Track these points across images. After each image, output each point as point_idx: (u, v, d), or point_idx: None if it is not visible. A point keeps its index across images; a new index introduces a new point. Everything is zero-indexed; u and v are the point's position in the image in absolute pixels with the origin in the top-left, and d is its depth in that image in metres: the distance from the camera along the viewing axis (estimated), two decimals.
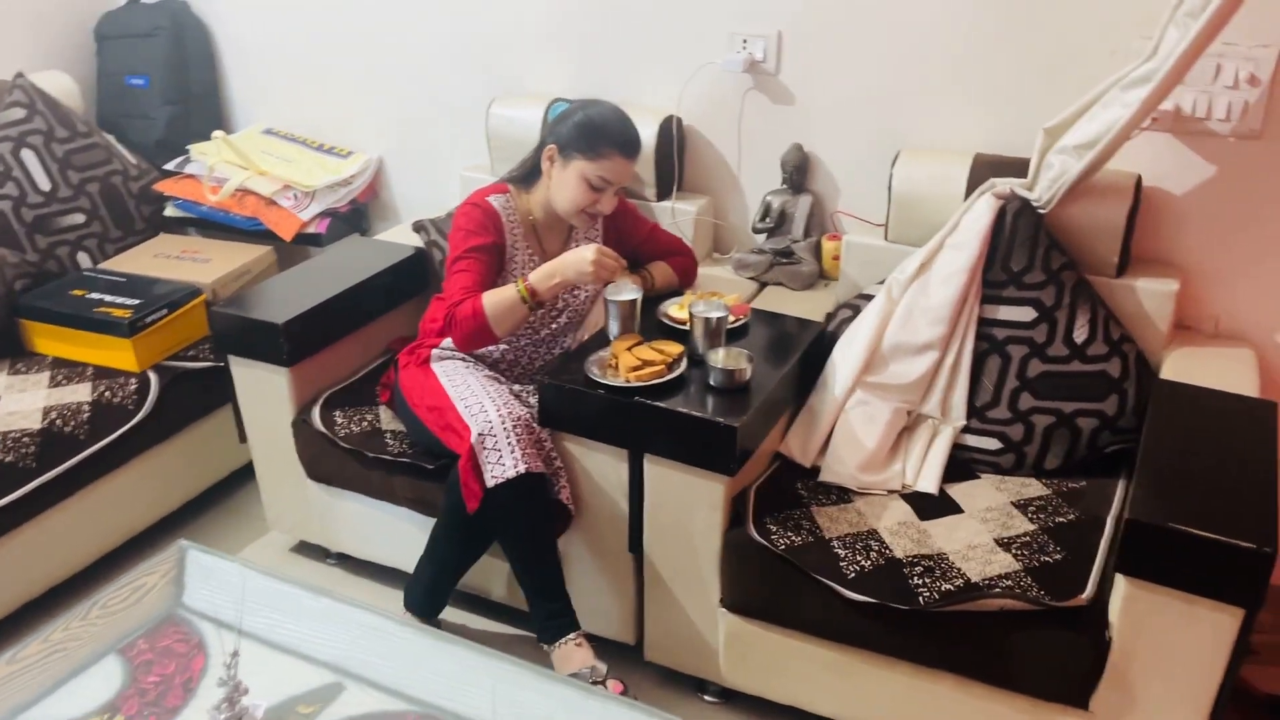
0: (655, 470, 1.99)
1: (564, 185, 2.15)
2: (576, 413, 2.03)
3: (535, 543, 2.03)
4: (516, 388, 2.24)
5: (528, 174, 2.25)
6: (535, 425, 2.03)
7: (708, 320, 2.05)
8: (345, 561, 2.58)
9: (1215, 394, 1.95)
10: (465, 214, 2.17)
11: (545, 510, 2.03)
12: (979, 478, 2.13)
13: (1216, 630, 1.63)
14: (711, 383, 1.99)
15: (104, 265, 2.81)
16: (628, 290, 2.14)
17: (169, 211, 3.01)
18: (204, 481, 2.72)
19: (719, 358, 2.01)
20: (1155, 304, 2.13)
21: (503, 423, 1.97)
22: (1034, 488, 2.07)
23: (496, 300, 2.06)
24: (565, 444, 2.07)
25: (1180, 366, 2.09)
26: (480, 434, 1.96)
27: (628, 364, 2.00)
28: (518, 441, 1.96)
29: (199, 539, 2.63)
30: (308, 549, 2.64)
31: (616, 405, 1.96)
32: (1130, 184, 2.10)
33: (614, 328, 2.14)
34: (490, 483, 1.95)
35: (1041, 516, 1.97)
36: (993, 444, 2.13)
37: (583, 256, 2.04)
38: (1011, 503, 2.02)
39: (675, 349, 2.06)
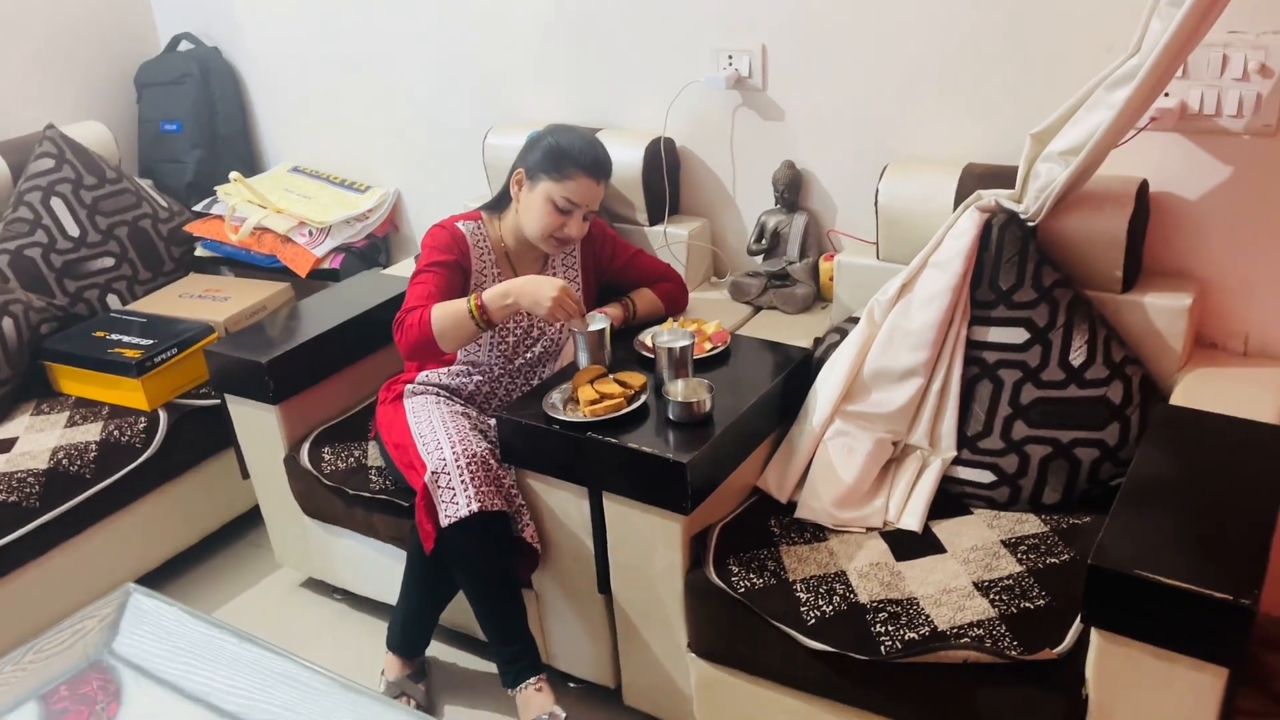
0: (614, 508, 1.91)
1: (531, 209, 2.10)
2: (534, 448, 1.96)
3: (492, 584, 1.98)
4: (491, 421, 2.19)
5: (498, 201, 2.22)
6: (494, 462, 1.98)
7: (671, 350, 1.97)
8: (350, 597, 2.58)
9: (1224, 420, 1.75)
10: (431, 235, 2.16)
11: (503, 550, 1.97)
12: (971, 513, 1.97)
13: (1198, 692, 1.44)
14: (670, 416, 1.90)
15: (132, 306, 2.90)
16: (596, 320, 2.07)
17: (198, 251, 3.09)
18: (220, 516, 2.76)
19: (678, 389, 1.92)
20: (1167, 321, 1.93)
21: (456, 460, 1.92)
22: (1030, 524, 1.90)
23: (445, 312, 2.00)
24: (528, 480, 2.01)
25: (1194, 390, 1.89)
26: (434, 472, 1.92)
27: (586, 398, 1.93)
28: (471, 479, 1.91)
29: (215, 574, 2.73)
30: (317, 585, 2.65)
31: (571, 441, 1.89)
32: (1132, 190, 1.92)
33: (582, 359, 2.08)
34: (444, 522, 1.91)
35: (1032, 557, 1.80)
36: (986, 476, 1.97)
37: (543, 289, 1.97)
38: (1001, 541, 1.86)
39: (638, 381, 1.98)
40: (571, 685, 2.22)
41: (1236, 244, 1.97)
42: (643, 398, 1.95)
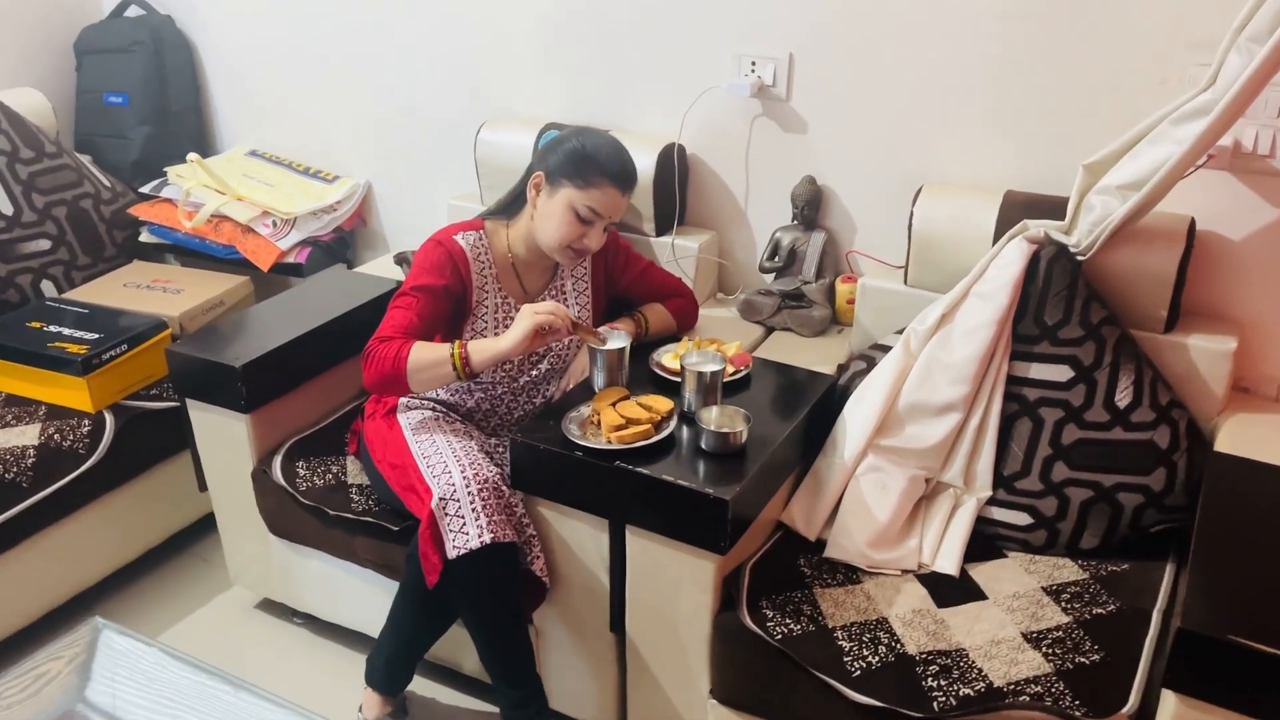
0: (638, 543, 1.77)
1: (549, 216, 1.94)
2: (551, 475, 1.81)
3: (501, 621, 1.82)
4: (493, 441, 2.03)
5: (510, 204, 2.05)
6: (505, 488, 1.82)
7: (701, 375, 1.84)
8: (313, 622, 2.37)
9: None
10: (425, 251, 1.97)
11: (514, 585, 1.81)
12: (1006, 556, 1.89)
13: None
14: (703, 446, 1.77)
15: (69, 295, 2.64)
16: (615, 338, 1.93)
17: (144, 237, 2.84)
18: (166, 529, 2.52)
19: (712, 418, 1.79)
20: (1210, 364, 1.88)
21: (467, 486, 1.76)
22: (1068, 570, 1.83)
23: (425, 356, 1.83)
24: (539, 509, 1.86)
25: (1238, 437, 1.84)
26: (441, 498, 1.75)
27: (610, 422, 1.79)
28: (483, 508, 1.75)
29: (159, 591, 2.50)
30: (274, 606, 2.43)
31: (595, 469, 1.75)
32: (1183, 228, 1.87)
33: (599, 379, 1.93)
34: (451, 554, 1.74)
35: (1076, 607, 1.73)
36: (1022, 518, 1.89)
37: (520, 330, 1.80)
38: (1042, 588, 1.78)
39: (665, 405, 1.85)
40: None
41: (1275, 287, 1.93)
42: (671, 425, 1.81)
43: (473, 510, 1.75)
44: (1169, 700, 1.45)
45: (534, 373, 2.07)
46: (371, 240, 2.94)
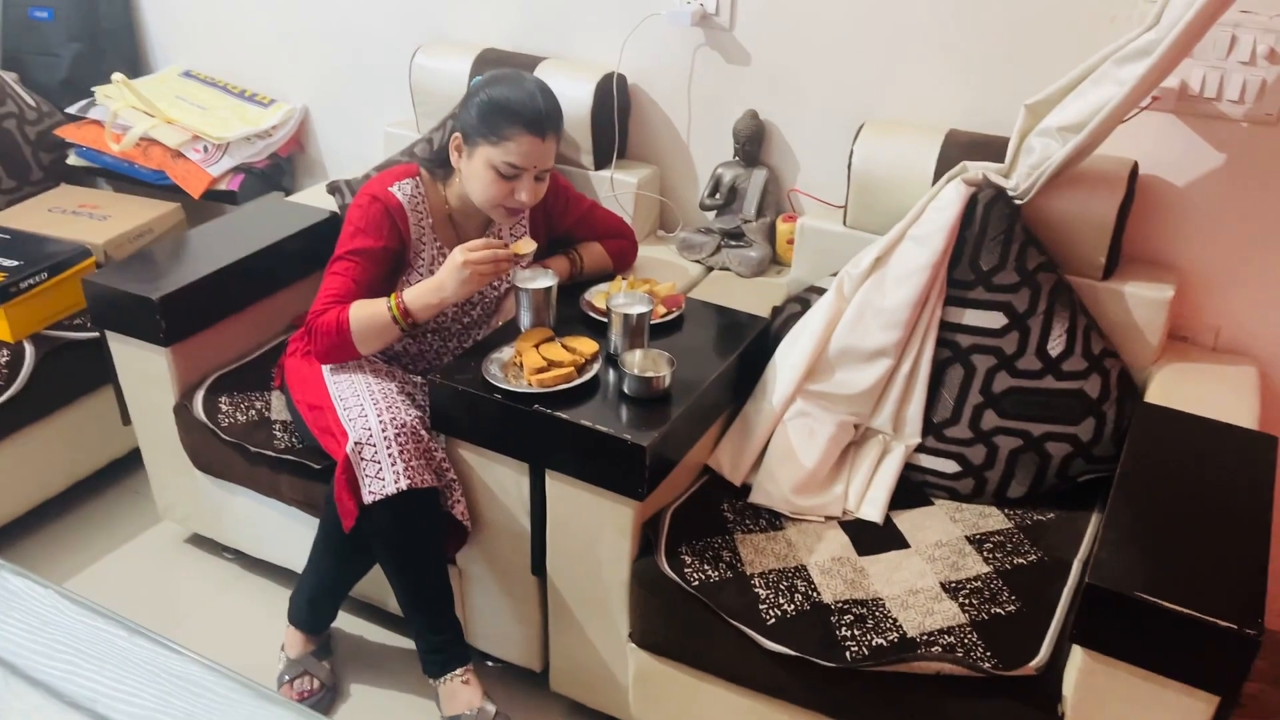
0: (558, 488, 1.74)
1: (474, 178, 1.85)
2: (471, 418, 1.77)
3: (419, 566, 1.79)
4: (417, 380, 1.98)
5: (441, 165, 1.96)
6: (425, 432, 1.77)
7: (627, 316, 1.79)
8: (243, 557, 2.35)
9: (1207, 424, 1.68)
10: (360, 209, 1.88)
11: (432, 530, 1.78)
12: (933, 504, 1.87)
13: (1186, 717, 1.38)
14: (625, 390, 1.73)
15: None
16: (541, 277, 1.87)
17: (72, 160, 2.75)
18: (94, 462, 2.47)
19: (634, 361, 1.75)
20: (1146, 312, 1.85)
21: (384, 430, 1.71)
22: (994, 519, 1.82)
23: (365, 315, 1.79)
24: (460, 451, 1.82)
25: (1170, 387, 1.81)
26: (357, 443, 1.71)
27: (532, 364, 1.74)
28: (400, 453, 1.71)
29: (88, 525, 2.46)
30: (204, 541, 2.40)
31: (515, 412, 1.71)
32: (1124, 172, 1.81)
33: (525, 319, 1.88)
34: (367, 499, 1.70)
35: (998, 557, 1.71)
36: (950, 466, 1.87)
37: (459, 274, 1.75)
38: (966, 537, 1.77)
39: (589, 348, 1.80)
40: (490, 664, 2.06)
41: (1219, 235, 1.89)
42: (594, 368, 1.77)
43: (389, 455, 1.71)
44: (1077, 654, 1.44)
45: (465, 320, 2.02)
46: (310, 167, 2.85)
